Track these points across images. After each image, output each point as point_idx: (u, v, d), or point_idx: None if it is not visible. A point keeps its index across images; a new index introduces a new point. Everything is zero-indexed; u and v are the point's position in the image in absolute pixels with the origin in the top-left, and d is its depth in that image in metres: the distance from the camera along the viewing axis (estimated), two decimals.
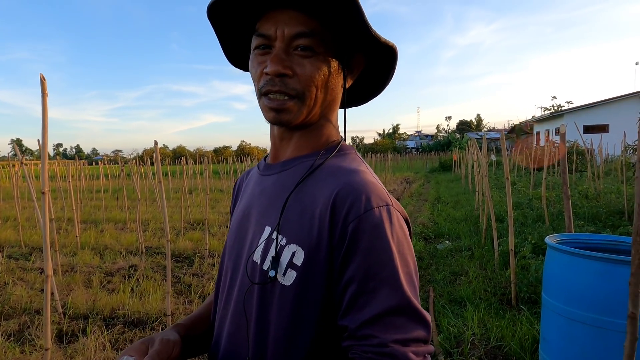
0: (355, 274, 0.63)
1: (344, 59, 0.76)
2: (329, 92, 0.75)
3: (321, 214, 0.67)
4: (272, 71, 0.70)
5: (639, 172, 1.52)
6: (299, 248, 0.68)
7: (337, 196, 0.67)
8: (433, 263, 5.09)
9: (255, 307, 0.71)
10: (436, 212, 8.88)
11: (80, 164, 15.48)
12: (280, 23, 0.70)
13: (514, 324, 3.17)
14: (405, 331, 0.61)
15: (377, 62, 0.81)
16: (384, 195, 0.68)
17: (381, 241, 0.64)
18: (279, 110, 0.72)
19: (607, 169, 13.02)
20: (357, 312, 0.63)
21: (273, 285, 0.69)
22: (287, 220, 0.71)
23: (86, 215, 9.55)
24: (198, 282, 4.60)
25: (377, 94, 0.90)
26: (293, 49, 0.71)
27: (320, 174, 0.73)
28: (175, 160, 26.55)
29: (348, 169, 0.72)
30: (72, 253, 5.99)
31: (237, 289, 0.76)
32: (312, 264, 0.67)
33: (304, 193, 0.72)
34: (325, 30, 0.72)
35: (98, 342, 3.16)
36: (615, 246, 2.33)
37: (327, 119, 0.79)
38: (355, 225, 0.64)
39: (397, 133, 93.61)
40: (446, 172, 23.54)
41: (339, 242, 0.65)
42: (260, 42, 0.73)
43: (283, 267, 0.69)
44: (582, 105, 24.97)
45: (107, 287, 4.49)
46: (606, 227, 5.83)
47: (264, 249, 0.72)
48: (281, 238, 0.70)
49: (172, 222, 8.24)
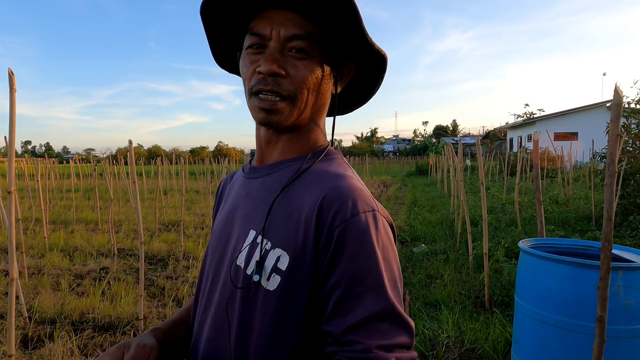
0: (340, 279, 0.63)
1: (335, 65, 0.76)
2: (320, 96, 0.75)
3: (307, 218, 0.67)
4: (265, 70, 0.69)
5: (608, 179, 1.57)
6: (284, 252, 0.67)
7: (323, 200, 0.66)
8: (409, 266, 5.14)
9: (237, 312, 0.70)
10: (412, 215, 8.99)
11: (50, 162, 14.97)
12: (276, 23, 0.69)
13: (488, 327, 3.23)
14: (390, 337, 0.61)
15: (367, 71, 0.81)
16: (370, 201, 0.68)
17: (367, 247, 0.63)
18: (269, 110, 0.71)
19: (576, 175, 13.48)
20: (342, 317, 0.62)
21: (257, 290, 0.68)
22: (272, 224, 0.70)
23: (55, 216, 9.23)
24: (172, 285, 4.50)
25: (364, 103, 0.90)
26: (287, 50, 0.70)
27: (306, 178, 0.72)
28: (150, 160, 26.03)
29: (335, 173, 0.72)
30: (40, 255, 5.78)
31: (219, 293, 0.75)
32: (297, 268, 0.66)
33: (290, 197, 0.71)
34: (321, 33, 0.71)
35: (66, 347, 3.05)
36: (585, 251, 2.40)
37: (315, 124, 0.79)
38: (342, 230, 0.63)
39: (375, 137, 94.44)
40: (423, 176, 23.88)
41: (325, 247, 0.64)
42: (254, 41, 0.72)
43: (267, 271, 0.67)
44: (553, 113, 25.82)
45: (76, 290, 4.34)
46: (575, 231, 6.02)
47: (248, 253, 0.71)
48: (266, 242, 0.69)
49: (146, 224, 8.06)
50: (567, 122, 24.45)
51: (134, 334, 3.34)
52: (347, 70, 0.80)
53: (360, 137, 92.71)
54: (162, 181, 10.94)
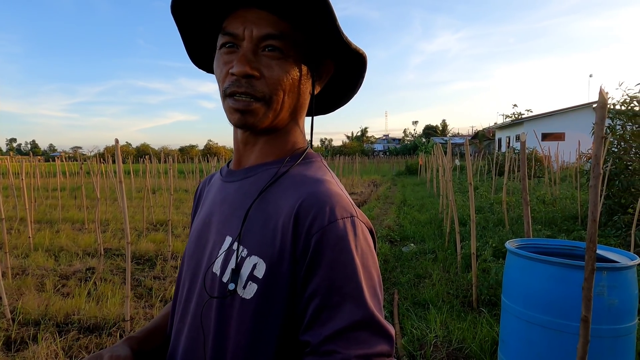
0: (318, 287, 0.61)
1: (313, 64, 0.74)
2: (297, 97, 0.73)
3: (284, 224, 0.65)
4: (238, 72, 0.66)
5: (593, 181, 1.58)
6: (260, 260, 0.65)
7: (300, 207, 0.64)
8: (398, 266, 5.16)
9: (213, 322, 0.68)
10: (402, 215, 9.02)
11: (35, 160, 14.73)
12: (249, 23, 0.67)
13: (475, 326, 3.25)
14: (369, 346, 0.60)
15: (346, 70, 0.80)
16: (349, 206, 0.66)
17: (345, 254, 0.62)
18: (244, 111, 0.69)
19: (562, 175, 13.66)
20: (320, 327, 0.60)
21: (232, 298, 0.66)
22: (248, 230, 0.68)
23: (41, 215, 9.07)
24: (160, 285, 4.45)
25: (345, 102, 0.88)
26: (261, 49, 0.68)
27: (284, 183, 0.70)
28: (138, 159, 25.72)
29: (313, 178, 0.70)
30: (24, 255, 5.67)
31: (195, 302, 0.73)
32: (274, 276, 0.64)
33: (267, 202, 0.69)
34: (296, 33, 0.69)
35: (50, 349, 3.00)
36: (572, 251, 2.43)
37: (294, 125, 0.77)
38: (319, 238, 0.62)
39: (365, 136, 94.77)
40: (412, 175, 24.00)
41: (302, 255, 0.63)
42: (227, 40, 0.69)
43: (243, 279, 0.66)
44: (540, 113, 26.12)
45: (61, 291, 4.27)
46: (561, 231, 6.10)
47: (223, 260, 0.69)
48: (242, 249, 0.67)
49: (133, 223, 7.96)
50: (554, 123, 24.76)
51: (120, 336, 3.29)
52: (325, 69, 0.78)
53: (351, 137, 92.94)
54: (150, 180, 10.83)
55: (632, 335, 1.97)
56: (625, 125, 6.05)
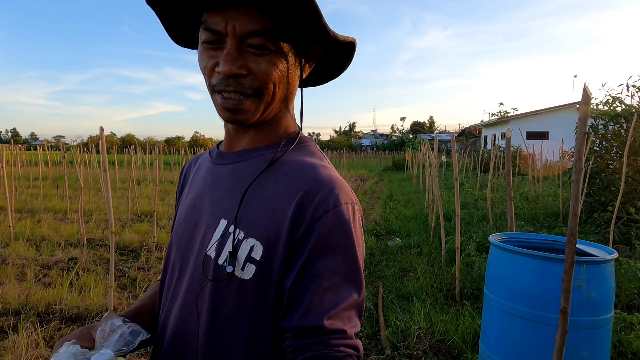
0: (322, 270, 0.64)
1: (300, 51, 0.73)
2: (287, 85, 0.73)
3: (284, 208, 0.66)
4: (225, 71, 0.66)
5: (575, 176, 1.62)
6: (258, 242, 0.66)
7: (304, 192, 0.66)
8: (383, 259, 5.20)
9: (207, 304, 0.69)
10: (388, 209, 9.09)
11: (16, 149, 14.40)
12: (231, 18, 0.65)
13: (458, 319, 3.30)
14: (355, 325, 0.66)
15: (335, 52, 0.79)
16: (350, 193, 0.69)
17: (347, 239, 0.65)
18: (234, 110, 0.69)
19: (546, 174, 13.90)
20: (321, 306, 0.64)
21: (229, 280, 0.67)
22: (245, 213, 0.69)
23: (22, 204, 8.90)
24: (144, 276, 4.42)
25: (332, 79, 0.88)
26: (246, 45, 0.67)
27: (281, 167, 0.71)
28: (123, 149, 25.34)
29: (311, 163, 0.71)
30: (4, 244, 5.56)
31: (187, 283, 0.73)
32: (271, 258, 0.66)
33: (264, 186, 0.70)
34: (280, 25, 0.67)
35: (30, 339, 2.96)
36: (552, 245, 2.48)
37: (285, 111, 0.77)
38: (326, 221, 0.64)
39: (353, 131, 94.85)
40: (399, 171, 24.16)
41: (305, 236, 0.64)
42: (209, 37, 0.67)
43: (241, 262, 0.67)
44: (526, 112, 26.49)
45: (43, 281, 4.21)
46: (543, 227, 6.22)
47: (219, 242, 0.70)
48: (239, 232, 0.68)
49: (117, 214, 7.86)
50: (539, 122, 25.14)
51: None
52: (314, 52, 0.77)
53: (339, 131, 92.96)
54: (135, 171, 10.68)
55: (608, 327, 2.03)
56: (607, 125, 6.17)
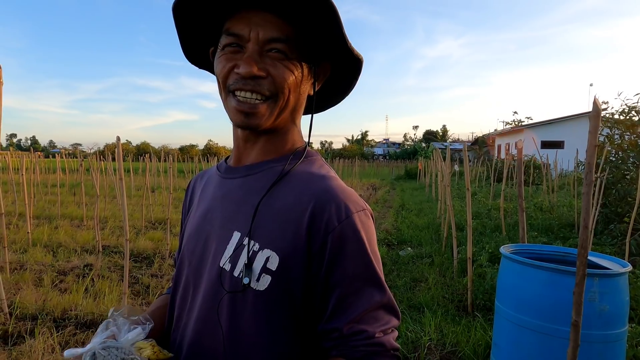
0: (341, 278, 0.67)
1: (313, 66, 0.76)
2: (299, 96, 0.75)
3: (298, 219, 0.68)
4: (246, 72, 0.68)
5: (585, 188, 1.61)
6: (273, 253, 0.68)
7: (316, 203, 0.68)
8: (395, 269, 5.18)
9: (225, 315, 0.70)
10: (400, 219, 9.05)
11: (35, 156, 14.74)
12: (254, 25, 0.69)
13: (469, 330, 3.27)
14: (387, 322, 0.69)
15: (342, 72, 0.82)
16: (359, 200, 0.72)
17: (362, 245, 0.68)
18: (248, 113, 0.71)
19: (561, 183, 13.70)
20: (345, 312, 0.67)
21: (245, 292, 0.69)
22: (258, 225, 0.70)
23: (40, 211, 9.09)
24: (157, 283, 4.48)
25: (336, 103, 0.90)
26: (267, 50, 0.70)
27: (291, 180, 0.73)
28: (138, 157, 25.74)
29: (319, 175, 0.74)
30: (23, 250, 5.69)
31: (202, 296, 0.74)
32: (287, 268, 0.68)
33: (275, 198, 0.72)
34: (300, 35, 0.71)
35: (47, 344, 3.02)
36: (564, 257, 2.46)
37: (293, 124, 0.80)
38: (338, 232, 0.67)
39: (365, 139, 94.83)
40: (411, 180, 24.02)
41: (320, 249, 0.67)
42: (231, 40, 0.71)
43: (256, 273, 0.68)
44: (540, 121, 26.18)
45: (59, 287, 4.29)
46: (558, 238, 6.12)
47: (233, 254, 0.71)
48: (253, 243, 0.69)
49: (132, 221, 7.98)
50: (554, 131, 24.83)
51: None
52: (322, 70, 0.80)
53: (351, 140, 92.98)
54: (150, 178, 10.84)
55: (622, 341, 2.00)
56: (624, 134, 6.09)
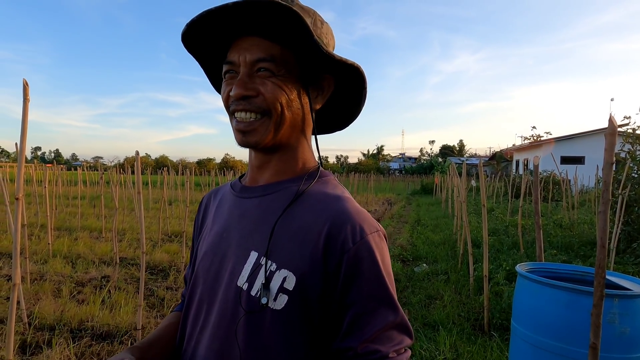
0: (355, 298, 0.69)
1: (307, 80, 0.79)
2: (296, 112, 0.77)
3: (314, 240, 0.70)
4: (235, 94, 0.74)
5: (602, 207, 1.59)
6: (290, 273, 0.70)
7: (332, 224, 0.70)
8: (409, 286, 5.12)
9: (242, 334, 0.71)
10: (415, 234, 8.95)
11: (58, 169, 15.15)
12: (243, 50, 0.74)
13: (485, 350, 3.20)
14: (400, 342, 0.70)
15: (347, 84, 0.84)
16: (373, 221, 0.74)
17: (376, 265, 0.70)
18: (245, 132, 0.75)
19: (581, 200, 13.38)
20: (360, 331, 0.68)
21: (263, 311, 0.70)
22: (276, 245, 0.72)
23: (60, 222, 9.30)
24: (172, 296, 4.51)
25: (353, 118, 0.92)
26: (255, 71, 0.74)
27: (307, 200, 0.75)
28: (157, 170, 26.22)
29: (334, 196, 0.76)
30: (43, 261, 5.82)
31: (217, 315, 0.75)
32: (304, 288, 0.69)
33: (292, 218, 0.74)
34: (286, 53, 0.75)
35: (63, 354, 3.06)
36: (583, 277, 2.40)
37: (301, 143, 0.82)
38: (354, 253, 0.69)
39: (381, 154, 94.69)
40: (427, 195, 23.80)
41: (336, 269, 0.69)
42: (228, 68, 0.77)
43: (273, 292, 0.70)
44: (560, 136, 25.75)
45: (77, 298, 4.37)
46: (578, 256, 5.97)
47: (251, 274, 0.72)
48: (270, 263, 0.71)
49: (149, 233, 8.09)
50: (574, 146, 24.37)
51: (131, 344, 3.34)
52: (326, 84, 0.82)
53: (367, 154, 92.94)
54: (167, 191, 11.01)
55: None
56: None
